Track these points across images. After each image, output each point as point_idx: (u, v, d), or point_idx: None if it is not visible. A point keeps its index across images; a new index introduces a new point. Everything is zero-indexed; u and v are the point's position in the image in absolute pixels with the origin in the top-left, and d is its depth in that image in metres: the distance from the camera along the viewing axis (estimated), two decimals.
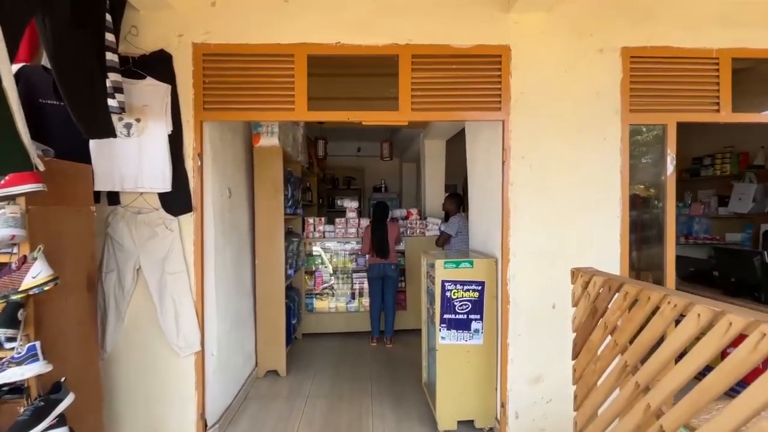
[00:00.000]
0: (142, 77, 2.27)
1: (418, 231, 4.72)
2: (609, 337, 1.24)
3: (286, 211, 3.60)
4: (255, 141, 3.40)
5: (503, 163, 2.42)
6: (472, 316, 2.57)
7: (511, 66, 2.38)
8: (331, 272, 4.67)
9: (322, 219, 4.70)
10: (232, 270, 2.92)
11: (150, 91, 2.28)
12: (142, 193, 2.32)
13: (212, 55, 2.36)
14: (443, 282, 2.55)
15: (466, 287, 2.56)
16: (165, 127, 2.28)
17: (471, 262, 2.57)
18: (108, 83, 2.04)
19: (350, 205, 4.70)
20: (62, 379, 1.62)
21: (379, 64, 2.43)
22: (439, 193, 5.47)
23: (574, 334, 1.41)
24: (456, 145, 5.42)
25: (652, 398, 1.02)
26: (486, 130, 2.78)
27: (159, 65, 2.32)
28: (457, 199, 4.16)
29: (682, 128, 2.44)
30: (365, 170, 7.85)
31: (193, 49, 2.34)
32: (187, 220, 2.35)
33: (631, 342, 1.13)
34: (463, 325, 2.57)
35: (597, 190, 2.42)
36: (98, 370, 2.04)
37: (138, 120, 2.24)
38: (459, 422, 2.61)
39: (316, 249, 4.69)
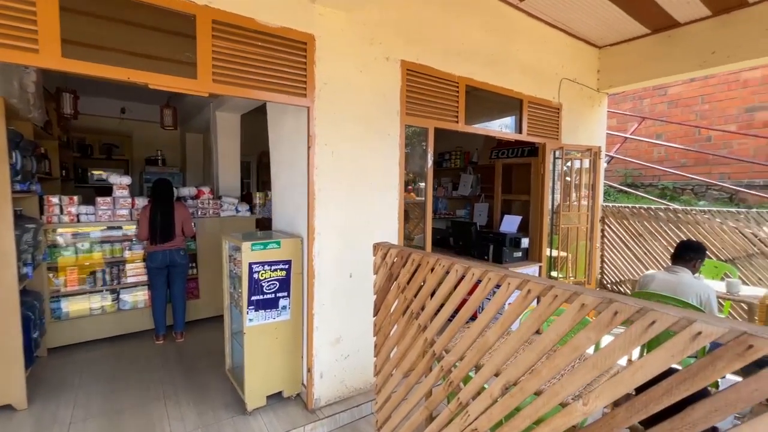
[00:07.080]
0: None
1: (211, 212, 4.33)
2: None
3: (14, 188, 2.61)
4: None
5: (309, 148, 2.57)
6: (279, 294, 2.67)
7: (316, 56, 2.52)
8: (94, 265, 3.71)
9: (74, 198, 3.62)
10: None
11: None
12: None
13: None
14: (250, 264, 2.52)
15: (273, 267, 2.62)
16: None
17: (278, 243, 2.63)
18: None
19: (119, 180, 3.80)
20: None
21: (174, 21, 2.08)
22: (235, 170, 5.15)
23: (375, 296, 1.75)
24: (251, 121, 5.20)
25: (429, 332, 1.44)
26: (291, 114, 2.84)
27: None
28: None
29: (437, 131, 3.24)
30: (133, 137, 6.43)
31: None
32: None
33: (415, 296, 1.53)
34: (271, 305, 2.63)
35: (383, 177, 2.92)
36: None
37: None
38: (268, 397, 2.70)
39: (67, 237, 3.61)
